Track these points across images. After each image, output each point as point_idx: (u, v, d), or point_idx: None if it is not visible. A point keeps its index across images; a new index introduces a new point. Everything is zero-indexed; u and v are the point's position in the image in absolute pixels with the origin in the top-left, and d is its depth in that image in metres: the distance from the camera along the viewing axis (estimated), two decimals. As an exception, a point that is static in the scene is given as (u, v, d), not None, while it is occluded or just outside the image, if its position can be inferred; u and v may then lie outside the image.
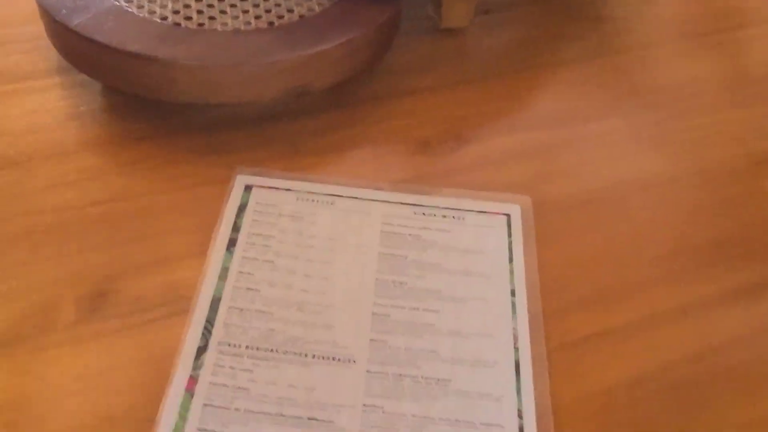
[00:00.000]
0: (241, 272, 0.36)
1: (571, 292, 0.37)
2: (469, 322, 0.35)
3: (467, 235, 0.39)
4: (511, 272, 0.38)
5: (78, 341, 0.33)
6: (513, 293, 0.37)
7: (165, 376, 0.32)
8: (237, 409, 0.31)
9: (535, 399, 0.33)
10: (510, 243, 0.39)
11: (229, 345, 0.33)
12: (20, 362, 0.32)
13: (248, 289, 0.35)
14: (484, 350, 0.34)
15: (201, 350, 0.33)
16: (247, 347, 0.33)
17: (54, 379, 0.31)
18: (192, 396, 0.31)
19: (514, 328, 0.35)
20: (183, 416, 0.30)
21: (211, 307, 0.34)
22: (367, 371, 0.33)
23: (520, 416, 0.32)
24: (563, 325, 0.36)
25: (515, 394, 0.33)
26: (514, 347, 0.35)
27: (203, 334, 0.33)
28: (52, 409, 0.30)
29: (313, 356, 0.33)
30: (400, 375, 0.33)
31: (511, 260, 0.38)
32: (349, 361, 0.33)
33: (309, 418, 0.31)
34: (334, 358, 0.33)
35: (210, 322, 0.34)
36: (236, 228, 0.38)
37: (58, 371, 0.31)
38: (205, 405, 0.31)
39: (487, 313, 0.36)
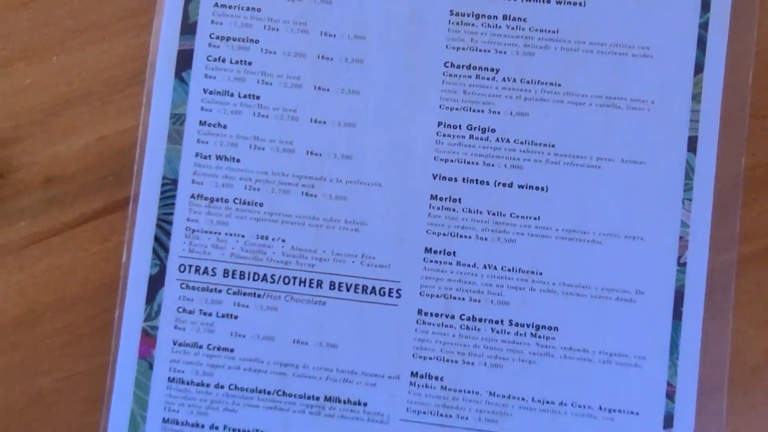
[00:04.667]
0: (204, 122, 0.21)
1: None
2: (597, 210, 0.20)
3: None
4: (695, 99, 0.20)
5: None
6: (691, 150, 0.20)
7: (105, 330, 0.21)
8: (218, 386, 0.20)
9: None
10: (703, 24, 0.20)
11: (197, 270, 0.21)
12: None
13: (218, 157, 0.21)
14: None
15: (154, 283, 0.21)
16: (224, 273, 0.20)
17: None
18: (150, 366, 0.20)
19: (683, 221, 0.20)
20: (140, 400, 0.20)
21: (162, 194, 0.21)
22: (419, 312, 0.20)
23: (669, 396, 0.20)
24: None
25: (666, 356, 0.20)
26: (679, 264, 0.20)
27: (155, 251, 0.21)
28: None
29: (333, 285, 0.20)
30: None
31: (698, 70, 0.20)
32: (391, 292, 0.20)
33: (326, 398, 0.20)
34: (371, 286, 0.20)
35: (163, 228, 0.21)
36: (188, 24, 0.21)
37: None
38: (171, 380, 0.20)
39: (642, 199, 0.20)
